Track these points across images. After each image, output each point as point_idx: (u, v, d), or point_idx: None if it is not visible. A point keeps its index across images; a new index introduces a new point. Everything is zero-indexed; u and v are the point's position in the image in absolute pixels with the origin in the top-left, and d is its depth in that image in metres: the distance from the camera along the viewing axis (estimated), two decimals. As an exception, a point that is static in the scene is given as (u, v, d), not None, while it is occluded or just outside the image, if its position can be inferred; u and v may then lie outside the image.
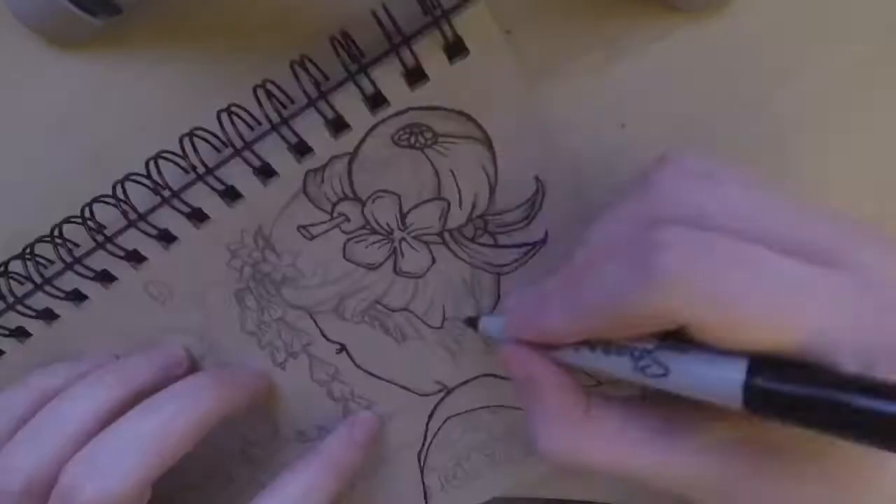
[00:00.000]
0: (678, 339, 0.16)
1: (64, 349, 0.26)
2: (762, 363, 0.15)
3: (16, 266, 0.25)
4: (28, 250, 0.25)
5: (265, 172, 0.23)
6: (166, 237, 0.24)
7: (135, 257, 0.24)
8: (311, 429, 0.28)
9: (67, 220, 0.24)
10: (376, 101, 0.22)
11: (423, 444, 0.28)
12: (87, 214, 0.23)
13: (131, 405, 0.23)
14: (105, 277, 0.25)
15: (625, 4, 0.22)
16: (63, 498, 0.20)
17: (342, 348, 0.26)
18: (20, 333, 0.26)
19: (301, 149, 0.23)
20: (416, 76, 0.21)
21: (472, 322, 0.24)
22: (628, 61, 0.23)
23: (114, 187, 0.23)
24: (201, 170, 0.22)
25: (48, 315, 0.26)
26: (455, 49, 0.21)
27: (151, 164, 0.23)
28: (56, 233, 0.24)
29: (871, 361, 0.15)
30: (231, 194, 0.23)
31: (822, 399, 0.14)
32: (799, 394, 0.15)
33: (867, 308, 0.15)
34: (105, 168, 0.24)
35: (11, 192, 0.26)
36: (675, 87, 0.23)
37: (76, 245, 0.25)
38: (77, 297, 0.25)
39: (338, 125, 0.22)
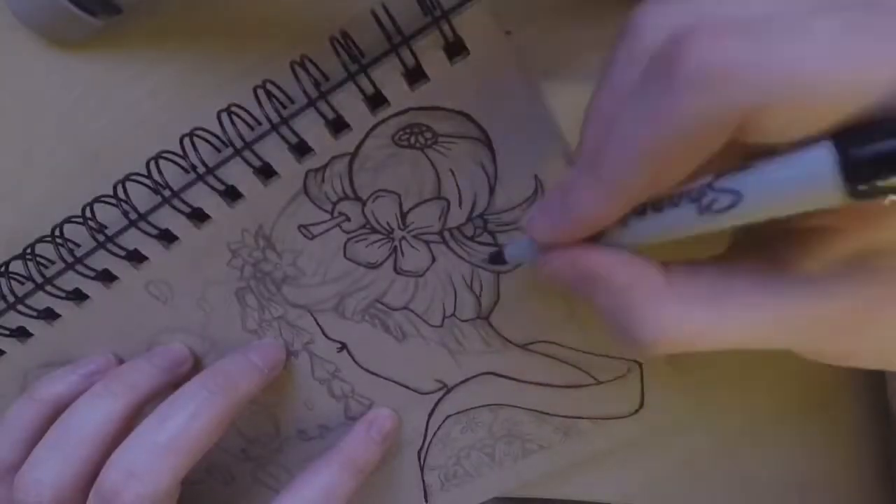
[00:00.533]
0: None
1: (66, 349, 0.26)
2: (850, 135, 0.13)
3: (17, 266, 0.25)
4: (29, 250, 0.25)
5: (266, 172, 0.23)
6: (167, 237, 0.24)
7: (136, 257, 0.24)
8: (313, 427, 0.28)
9: (68, 220, 0.24)
10: (376, 101, 0.22)
11: (424, 443, 0.29)
12: (87, 214, 0.23)
13: (141, 409, 0.24)
14: (106, 277, 0.25)
15: (624, 4, 0.22)
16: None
17: (343, 347, 0.27)
18: (21, 333, 0.26)
19: (301, 149, 0.23)
20: (416, 76, 0.21)
21: (497, 256, 0.23)
22: (628, 61, 0.23)
23: (115, 187, 0.23)
24: (202, 170, 0.22)
25: (49, 314, 0.26)
26: (455, 49, 0.21)
27: (152, 164, 0.23)
28: (57, 233, 0.24)
29: None
30: (232, 194, 0.23)
31: None
32: None
33: None
34: (105, 168, 0.24)
35: (11, 192, 0.26)
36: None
37: (77, 245, 0.25)
38: (78, 296, 0.25)
39: (338, 125, 0.22)
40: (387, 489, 0.29)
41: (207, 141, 0.23)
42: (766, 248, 0.17)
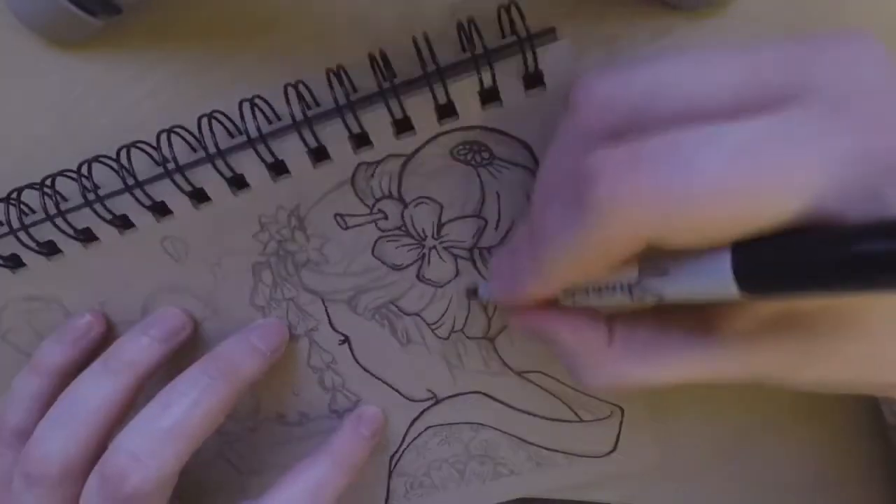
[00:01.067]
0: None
1: (56, 288, 0.25)
2: (749, 246, 0.14)
3: (30, 197, 0.24)
4: (48, 181, 0.23)
5: (319, 154, 0.23)
6: (200, 196, 0.23)
7: (161, 209, 0.24)
8: (294, 413, 0.28)
9: (96, 159, 0.23)
10: (446, 111, 0.22)
11: (399, 448, 0.29)
12: (122, 158, 0.23)
13: (142, 383, 0.24)
14: (124, 223, 0.24)
15: (624, 4, 0.23)
16: (110, 487, 0.21)
17: (345, 340, 0.26)
18: (13, 262, 0.25)
19: (361, 140, 0.23)
20: (490, 96, 0.22)
21: (473, 292, 0.25)
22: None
23: (158, 136, 0.23)
24: (255, 135, 0.22)
25: (51, 249, 0.24)
26: (533, 80, 0.22)
27: (204, 120, 0.22)
28: (84, 171, 0.23)
29: (877, 192, 0.13)
30: (278, 168, 0.23)
31: (813, 261, 0.13)
32: (789, 264, 0.14)
33: (845, 136, 0.13)
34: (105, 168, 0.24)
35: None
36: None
37: (97, 187, 0.24)
38: (88, 237, 0.24)
39: (403, 125, 0.22)
40: (350, 488, 0.29)
41: (264, 113, 0.23)
42: (699, 307, 0.18)
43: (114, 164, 0.23)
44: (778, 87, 0.14)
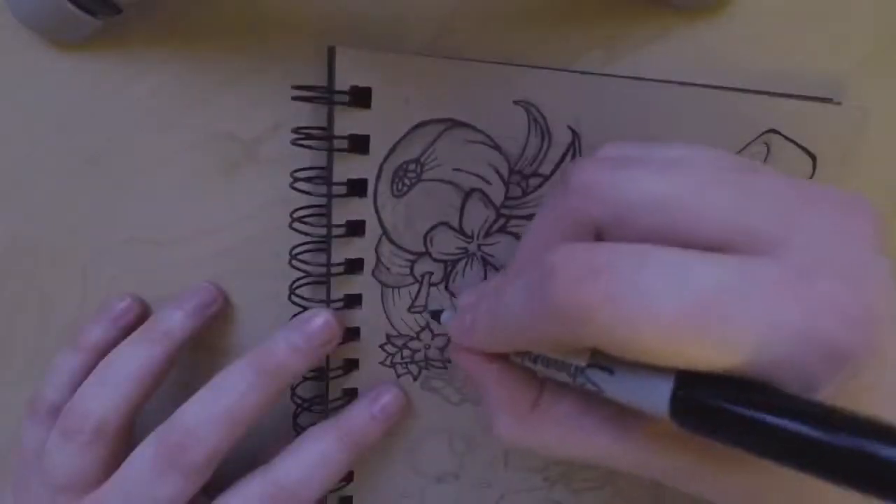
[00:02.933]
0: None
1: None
2: (692, 380, 0.14)
3: None
4: None
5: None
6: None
7: None
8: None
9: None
10: None
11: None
12: None
13: (176, 354, 0.25)
14: None
15: (624, 4, 0.23)
16: (167, 456, 0.22)
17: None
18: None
19: None
20: None
21: (435, 315, 0.25)
22: (628, 61, 0.23)
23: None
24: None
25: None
26: None
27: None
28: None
29: (808, 372, 0.13)
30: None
31: (750, 423, 0.13)
32: (726, 415, 0.14)
33: (796, 310, 0.13)
34: (105, 169, 0.24)
35: (11, 192, 0.26)
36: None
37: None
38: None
39: None
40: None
41: None
42: None
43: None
44: (761, 235, 0.14)
